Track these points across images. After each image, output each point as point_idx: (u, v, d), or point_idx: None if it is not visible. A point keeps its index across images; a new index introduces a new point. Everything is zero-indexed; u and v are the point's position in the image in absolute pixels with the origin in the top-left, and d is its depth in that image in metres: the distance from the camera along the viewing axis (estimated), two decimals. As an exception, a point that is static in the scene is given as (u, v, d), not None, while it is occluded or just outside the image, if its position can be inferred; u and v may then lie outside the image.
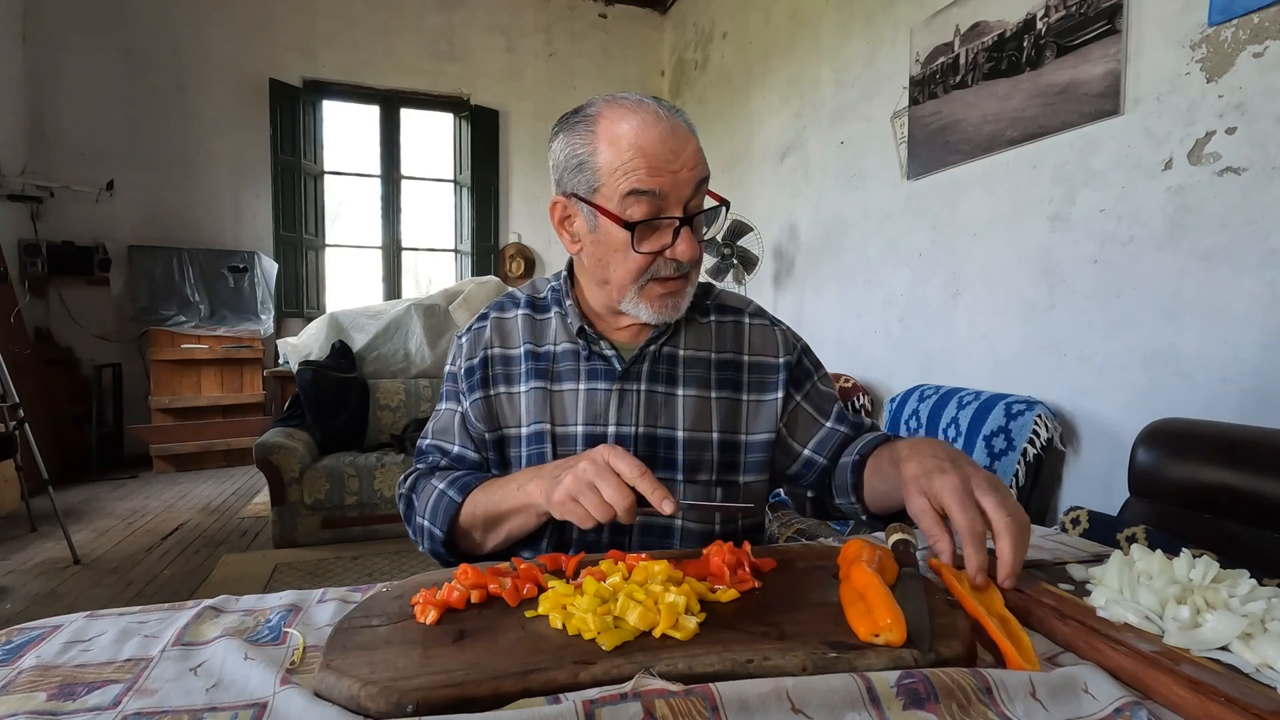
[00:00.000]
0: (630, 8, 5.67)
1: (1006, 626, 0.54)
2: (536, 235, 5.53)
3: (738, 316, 0.93)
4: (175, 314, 4.35)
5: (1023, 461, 2.07)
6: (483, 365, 0.89)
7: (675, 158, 0.75)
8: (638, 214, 0.75)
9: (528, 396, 0.87)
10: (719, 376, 0.89)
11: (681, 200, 0.76)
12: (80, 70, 4.40)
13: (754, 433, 0.89)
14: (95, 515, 3.32)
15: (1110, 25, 1.99)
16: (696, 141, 0.78)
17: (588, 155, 0.77)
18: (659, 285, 0.80)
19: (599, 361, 0.86)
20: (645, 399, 0.85)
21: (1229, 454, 1.31)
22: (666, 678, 0.46)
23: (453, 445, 0.90)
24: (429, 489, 0.84)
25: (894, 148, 2.97)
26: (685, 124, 0.78)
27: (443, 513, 0.81)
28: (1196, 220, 1.80)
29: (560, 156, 0.80)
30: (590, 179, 0.77)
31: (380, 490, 3.01)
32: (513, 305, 0.92)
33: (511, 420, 0.87)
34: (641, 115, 0.75)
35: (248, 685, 0.49)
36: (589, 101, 0.80)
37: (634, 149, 0.74)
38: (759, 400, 0.89)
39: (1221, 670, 0.48)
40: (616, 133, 0.75)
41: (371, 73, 5.03)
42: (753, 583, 0.62)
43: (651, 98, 0.78)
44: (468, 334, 0.92)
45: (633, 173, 0.74)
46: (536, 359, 0.88)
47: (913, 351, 2.90)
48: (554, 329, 0.89)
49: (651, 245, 0.78)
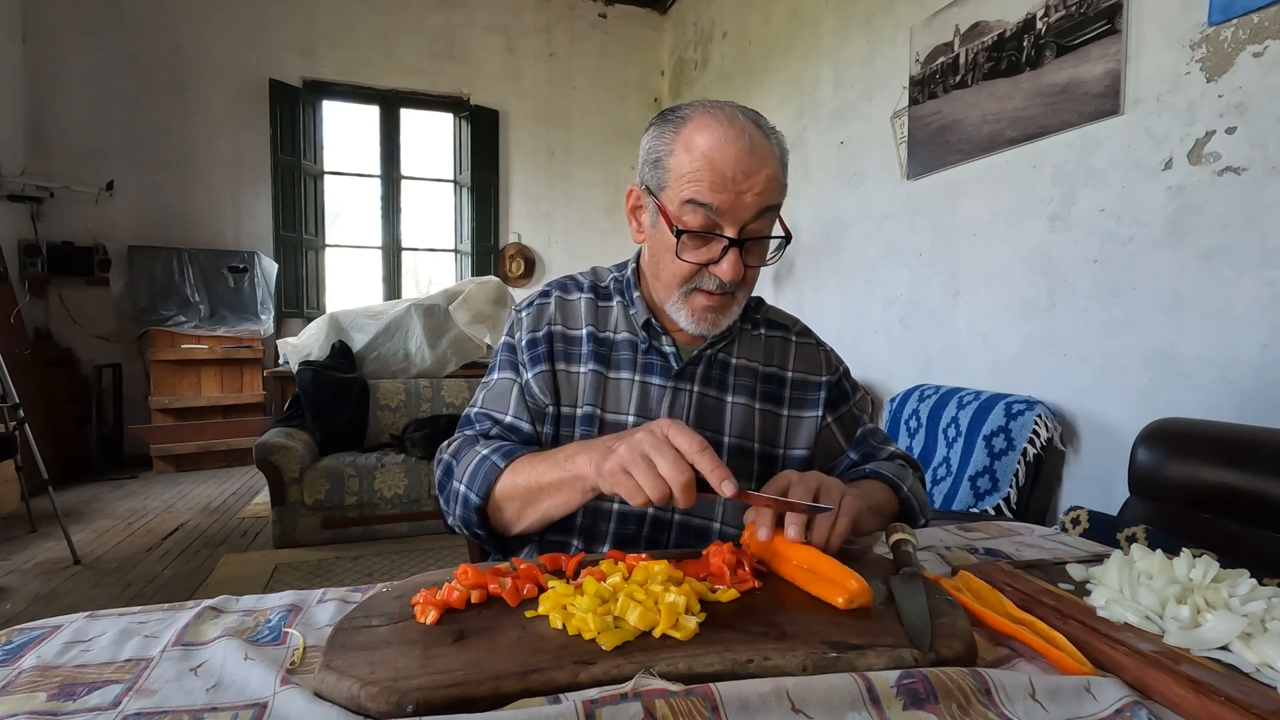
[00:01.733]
0: (630, 8, 5.67)
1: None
2: (536, 235, 5.53)
3: (785, 333, 0.94)
4: (175, 314, 4.35)
5: (1023, 461, 2.07)
6: (546, 340, 0.88)
7: (744, 179, 0.74)
8: (692, 223, 0.76)
9: (585, 378, 0.87)
10: (764, 389, 0.90)
11: (739, 221, 0.76)
12: (80, 70, 4.40)
13: (791, 448, 0.90)
14: (95, 515, 3.32)
15: (1110, 25, 1.99)
16: (775, 169, 0.77)
17: (665, 154, 0.78)
18: (703, 296, 0.81)
19: (656, 357, 0.87)
20: (697, 401, 0.86)
21: (1229, 454, 1.31)
22: (666, 678, 0.46)
23: (505, 414, 0.88)
24: (472, 454, 0.82)
25: (894, 147, 2.97)
26: (775, 148, 0.78)
27: (483, 478, 0.79)
28: (1196, 220, 1.80)
29: (645, 148, 0.82)
30: (661, 177, 0.78)
31: (380, 490, 3.01)
32: (575, 288, 0.93)
33: (568, 399, 0.87)
34: (726, 130, 0.75)
35: (248, 685, 0.49)
36: (690, 103, 0.80)
37: (705, 160, 0.74)
38: (799, 417, 0.90)
39: (1221, 670, 0.48)
40: (695, 140, 0.76)
41: (371, 73, 5.03)
42: (753, 583, 0.62)
43: (750, 114, 0.78)
44: (529, 308, 0.91)
45: (696, 182, 0.75)
46: (598, 343, 0.88)
47: (913, 351, 2.90)
48: (615, 317, 0.90)
49: (696, 256, 0.78)
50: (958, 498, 2.18)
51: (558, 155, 5.52)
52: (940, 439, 2.38)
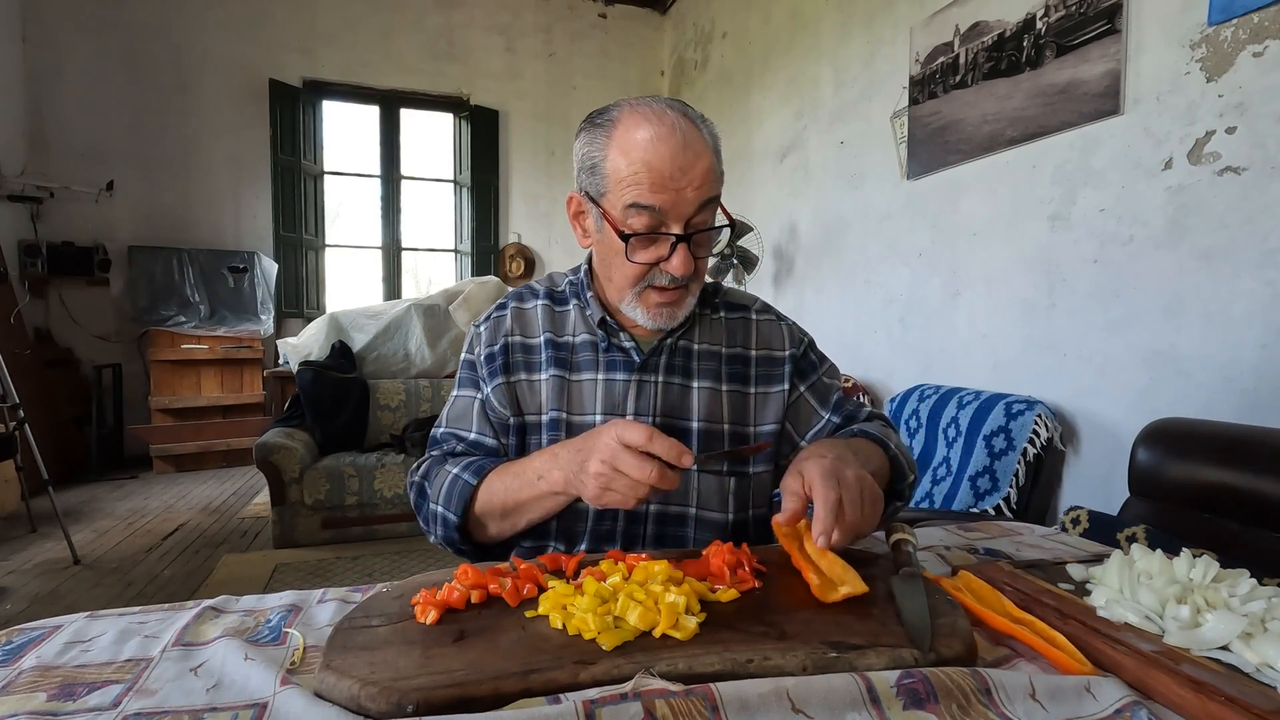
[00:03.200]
0: (630, 8, 5.67)
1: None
2: (536, 235, 5.53)
3: (745, 313, 0.95)
4: (175, 314, 4.35)
5: (1023, 461, 2.07)
6: (504, 352, 0.89)
7: (682, 175, 0.75)
8: (637, 225, 0.77)
9: (547, 384, 0.88)
10: (729, 370, 0.90)
11: (683, 217, 0.76)
12: (80, 70, 4.39)
13: (761, 424, 0.90)
14: (95, 515, 3.32)
15: (1110, 25, 1.99)
16: (711, 159, 0.77)
17: (600, 159, 0.78)
18: (656, 294, 0.82)
19: (617, 353, 0.87)
20: (662, 390, 0.87)
21: (1229, 454, 1.31)
22: (667, 678, 0.46)
23: (469, 431, 0.90)
24: (443, 474, 0.84)
25: (894, 147, 2.97)
26: (706, 138, 0.78)
27: (457, 496, 0.81)
28: (1196, 220, 1.80)
29: (579, 154, 0.82)
30: (599, 183, 0.79)
31: (380, 490, 3.01)
32: (531, 296, 0.94)
33: (532, 407, 0.88)
34: (657, 128, 0.75)
35: (248, 685, 0.49)
36: (616, 104, 0.81)
37: (642, 163, 0.75)
38: (766, 393, 0.91)
39: (1222, 670, 0.48)
40: (628, 143, 0.76)
41: (371, 73, 5.03)
42: (753, 583, 0.62)
43: (677, 106, 0.78)
44: (486, 322, 0.93)
45: (636, 186, 0.75)
46: (556, 348, 0.89)
47: (913, 351, 2.90)
48: (573, 320, 0.90)
49: (646, 256, 0.79)
50: (958, 498, 2.18)
51: (558, 155, 5.52)
52: (940, 439, 2.38)
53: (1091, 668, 0.50)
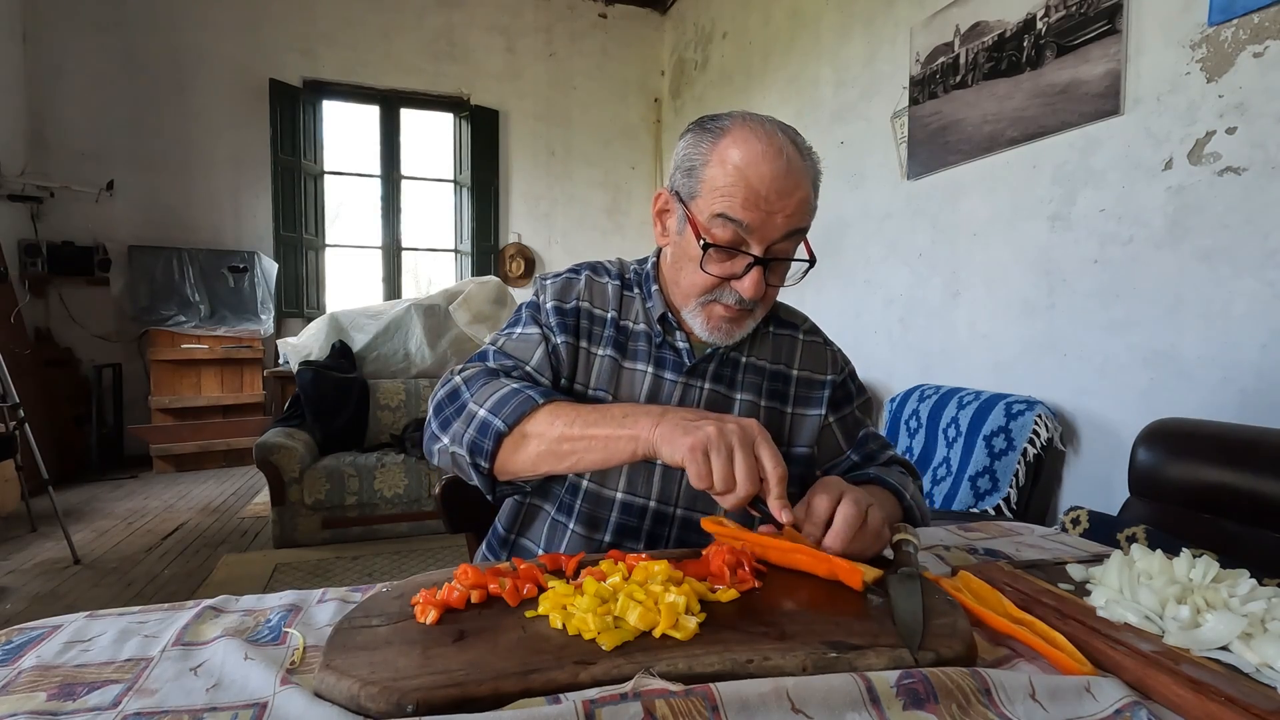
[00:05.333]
0: (630, 8, 5.67)
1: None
2: (536, 235, 5.53)
3: (793, 331, 0.94)
4: (175, 314, 4.35)
5: (1023, 461, 2.07)
6: (575, 314, 0.87)
7: (777, 199, 0.74)
8: (719, 236, 0.76)
9: (602, 361, 0.87)
10: (770, 386, 0.90)
11: (766, 240, 0.76)
12: (80, 70, 4.39)
13: (795, 445, 0.90)
14: (95, 515, 3.32)
15: (1110, 25, 1.99)
16: (808, 191, 0.77)
17: (700, 163, 0.78)
18: (721, 309, 0.81)
19: (670, 351, 0.87)
20: (707, 397, 0.87)
21: (1229, 454, 1.31)
22: (667, 678, 0.46)
23: (527, 363, 0.85)
24: (498, 383, 0.78)
25: (894, 148, 2.97)
26: (809, 169, 0.78)
27: (514, 407, 0.74)
28: (1197, 220, 1.80)
29: (680, 154, 0.81)
30: (693, 186, 0.78)
31: (380, 490, 3.01)
32: (605, 273, 0.92)
33: (583, 378, 0.87)
34: (764, 147, 0.74)
35: (248, 685, 0.49)
36: (729, 113, 0.80)
37: (740, 176, 0.74)
38: (803, 415, 0.91)
39: (1221, 670, 0.48)
40: (732, 154, 0.75)
41: (371, 73, 5.03)
42: (753, 582, 0.62)
43: (789, 131, 0.78)
44: (555, 279, 0.90)
45: (728, 198, 0.74)
46: (619, 330, 0.88)
47: (913, 351, 2.90)
48: (635, 308, 0.90)
49: (719, 270, 0.78)
50: (958, 498, 2.18)
51: (558, 155, 5.52)
52: (940, 439, 2.38)
53: (1091, 668, 0.50)
